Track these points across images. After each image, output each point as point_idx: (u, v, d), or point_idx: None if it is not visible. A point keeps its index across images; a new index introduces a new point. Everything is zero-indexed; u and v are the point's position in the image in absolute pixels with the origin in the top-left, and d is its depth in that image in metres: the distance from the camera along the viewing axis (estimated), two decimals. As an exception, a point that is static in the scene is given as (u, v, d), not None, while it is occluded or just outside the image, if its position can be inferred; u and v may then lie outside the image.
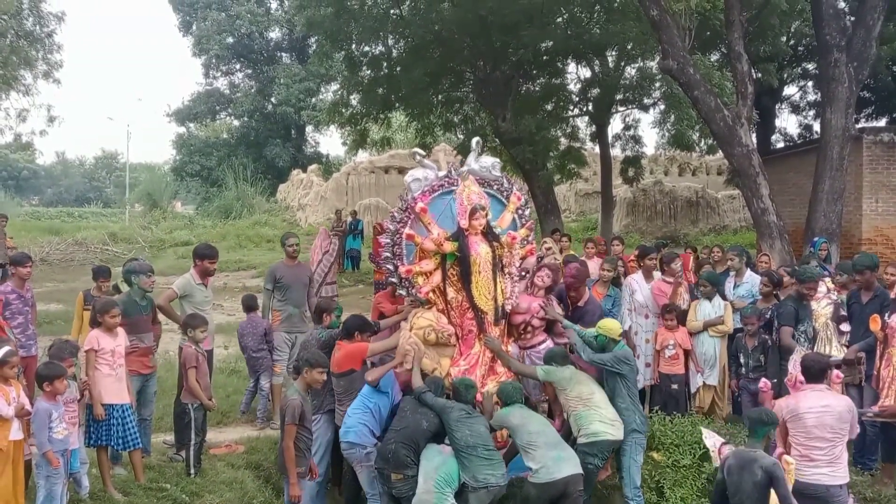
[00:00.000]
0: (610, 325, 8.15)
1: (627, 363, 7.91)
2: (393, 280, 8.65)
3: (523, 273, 8.93)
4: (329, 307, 8.83)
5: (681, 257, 10.87)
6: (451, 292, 8.29)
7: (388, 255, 8.49)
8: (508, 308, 8.58)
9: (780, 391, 8.22)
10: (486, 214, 8.28)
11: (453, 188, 8.52)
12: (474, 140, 9.20)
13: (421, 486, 6.99)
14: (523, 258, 8.93)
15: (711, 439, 7.45)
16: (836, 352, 8.85)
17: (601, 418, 7.52)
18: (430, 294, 8.31)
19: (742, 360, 9.19)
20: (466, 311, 8.30)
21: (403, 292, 8.62)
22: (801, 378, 7.47)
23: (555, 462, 7.11)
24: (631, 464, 7.68)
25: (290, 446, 6.97)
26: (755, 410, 6.72)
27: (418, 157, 8.85)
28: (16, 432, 6.59)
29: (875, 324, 8.19)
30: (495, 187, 8.86)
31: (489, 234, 8.33)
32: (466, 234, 8.19)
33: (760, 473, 6.27)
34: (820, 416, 6.70)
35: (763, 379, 8.18)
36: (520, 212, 8.95)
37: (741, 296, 10.20)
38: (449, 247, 8.17)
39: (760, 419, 6.54)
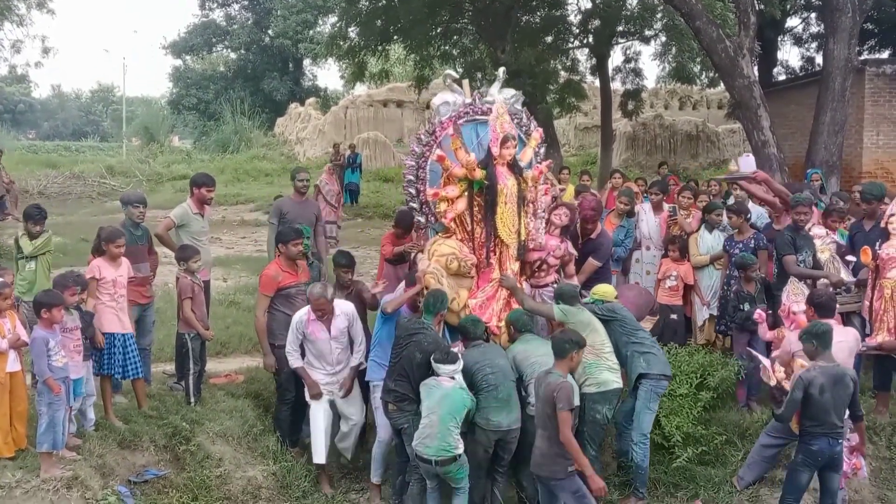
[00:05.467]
0: (605, 290, 8.05)
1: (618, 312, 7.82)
2: (413, 205, 8.44)
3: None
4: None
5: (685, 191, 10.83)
6: (472, 222, 8.03)
7: (412, 178, 8.27)
8: (532, 245, 8.31)
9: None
10: (515, 145, 8.02)
11: (477, 117, 8.25)
12: (500, 69, 8.94)
13: (424, 418, 6.93)
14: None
15: (764, 359, 7.36)
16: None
17: (609, 367, 7.39)
18: (451, 223, 7.98)
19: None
20: (486, 242, 8.01)
21: (422, 219, 8.40)
22: (794, 308, 7.50)
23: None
24: (643, 409, 7.54)
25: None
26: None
27: (448, 81, 8.59)
28: (13, 364, 6.62)
29: (866, 255, 8.18)
30: (515, 121, 8.48)
31: (515, 168, 8.05)
32: (495, 163, 7.92)
33: (852, 384, 6.45)
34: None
35: (758, 310, 8.16)
36: (538, 149, 8.68)
37: None
38: (480, 173, 7.83)
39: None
